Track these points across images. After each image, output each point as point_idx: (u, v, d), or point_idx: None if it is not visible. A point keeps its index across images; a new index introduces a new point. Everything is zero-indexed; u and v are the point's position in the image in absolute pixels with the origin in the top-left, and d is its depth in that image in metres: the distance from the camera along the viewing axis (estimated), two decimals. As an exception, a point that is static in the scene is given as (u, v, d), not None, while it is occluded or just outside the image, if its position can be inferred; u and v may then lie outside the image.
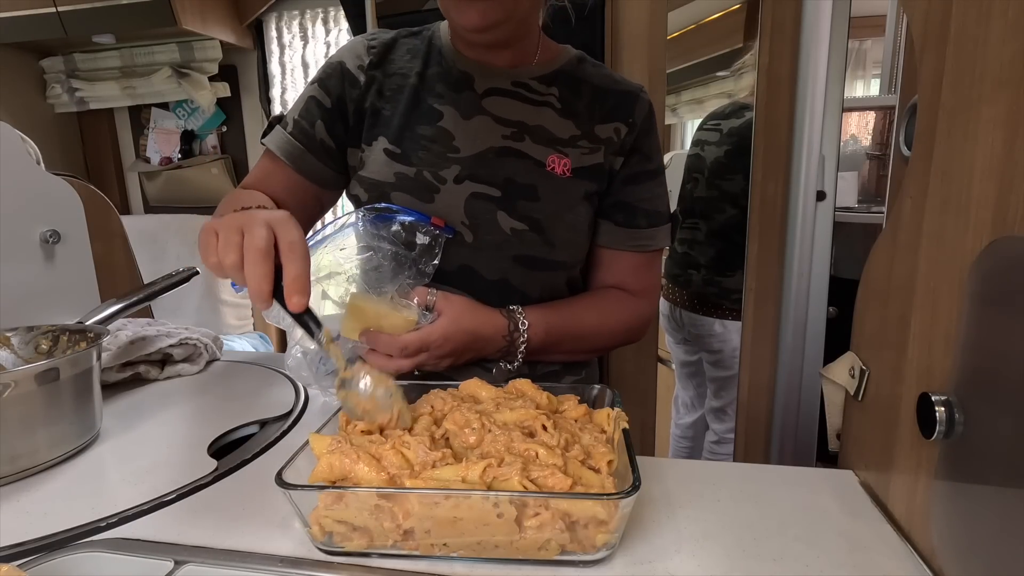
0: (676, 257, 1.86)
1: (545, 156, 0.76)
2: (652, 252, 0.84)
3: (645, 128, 0.81)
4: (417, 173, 0.75)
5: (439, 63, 0.79)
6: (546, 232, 0.76)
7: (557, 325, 0.76)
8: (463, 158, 0.75)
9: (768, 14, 1.21)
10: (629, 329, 0.83)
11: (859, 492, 0.58)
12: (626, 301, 0.83)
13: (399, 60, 0.80)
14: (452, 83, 0.78)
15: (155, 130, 2.84)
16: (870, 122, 2.08)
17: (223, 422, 0.74)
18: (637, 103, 0.80)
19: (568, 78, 0.80)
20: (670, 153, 1.96)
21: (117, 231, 1.28)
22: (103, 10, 2.23)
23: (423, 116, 0.77)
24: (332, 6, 2.51)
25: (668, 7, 1.31)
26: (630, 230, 0.81)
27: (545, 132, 0.77)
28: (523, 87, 0.78)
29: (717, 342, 1.74)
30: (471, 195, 0.75)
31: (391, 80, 0.79)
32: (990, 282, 0.40)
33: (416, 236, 0.72)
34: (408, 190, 0.76)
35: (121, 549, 0.50)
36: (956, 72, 0.45)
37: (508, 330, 0.73)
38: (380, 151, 0.77)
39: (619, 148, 0.79)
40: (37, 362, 0.63)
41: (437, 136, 0.76)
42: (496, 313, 0.73)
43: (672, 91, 2.52)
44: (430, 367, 0.71)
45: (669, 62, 1.35)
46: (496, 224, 0.75)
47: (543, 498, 0.45)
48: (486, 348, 0.73)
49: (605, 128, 0.79)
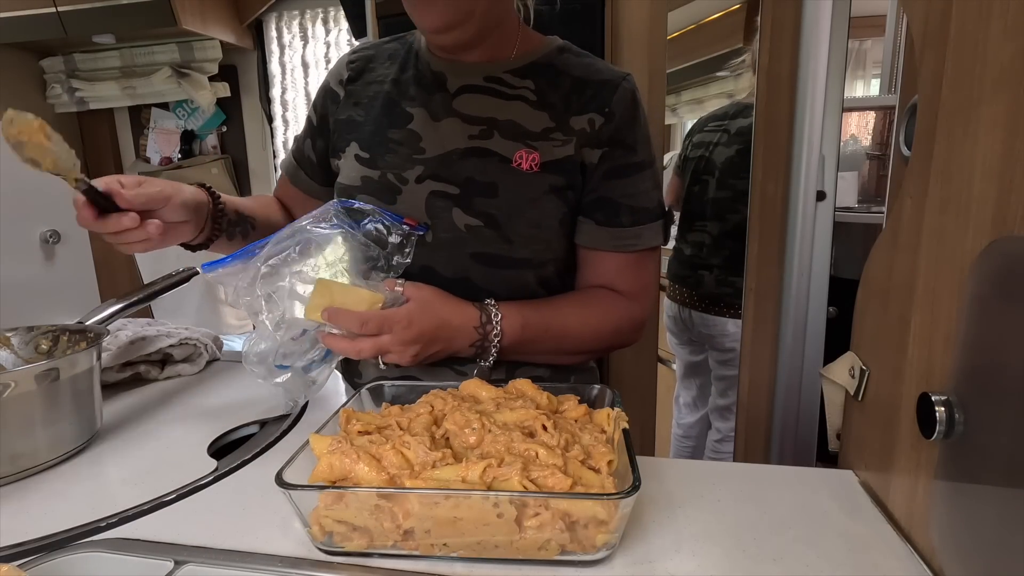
0: (683, 258, 1.86)
1: (513, 152, 0.74)
2: (640, 252, 0.78)
3: (627, 118, 0.75)
4: (381, 176, 0.76)
5: (415, 66, 0.80)
6: (502, 228, 0.73)
7: (535, 321, 0.73)
8: (427, 159, 0.75)
9: (768, 14, 1.21)
10: (618, 331, 0.78)
11: (859, 492, 0.58)
12: (614, 301, 0.78)
13: (378, 68, 0.82)
14: (425, 85, 0.78)
15: (155, 130, 2.84)
16: (870, 122, 2.08)
17: (223, 422, 0.74)
18: (616, 92, 0.75)
19: (545, 69, 0.77)
20: (670, 153, 1.96)
21: (117, 231, 1.27)
22: (103, 10, 2.23)
23: (395, 120, 0.78)
24: (332, 6, 2.51)
25: (668, 7, 1.31)
26: (612, 229, 0.76)
27: (515, 126, 0.75)
28: (496, 81, 0.76)
29: (730, 341, 1.74)
30: (431, 193, 0.74)
31: (368, 89, 0.82)
32: (990, 282, 0.40)
33: (390, 236, 0.73)
34: (372, 192, 0.76)
35: (121, 549, 0.50)
36: (956, 72, 0.45)
37: (480, 321, 0.70)
38: (352, 157, 0.79)
39: (594, 140, 0.74)
40: (37, 362, 0.63)
41: (405, 139, 0.77)
42: (468, 304, 0.71)
43: (672, 91, 2.52)
44: (395, 356, 0.68)
45: (669, 62, 1.35)
46: (451, 221, 0.74)
47: (543, 498, 0.45)
48: (456, 339, 0.70)
49: (579, 119, 0.75)
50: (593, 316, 0.77)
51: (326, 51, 2.59)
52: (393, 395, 0.66)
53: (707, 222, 1.77)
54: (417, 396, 0.61)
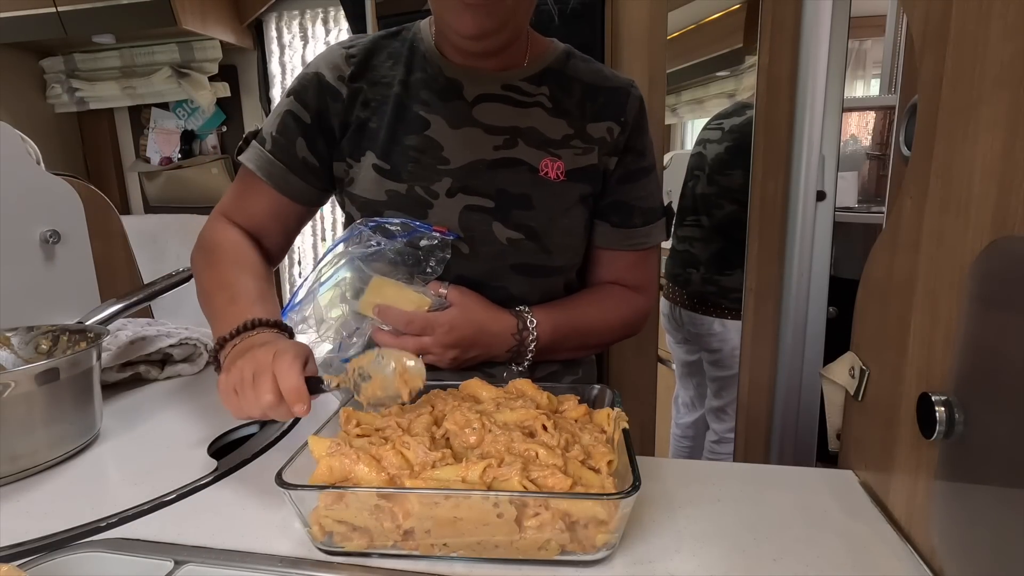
0: (677, 255, 1.87)
1: (539, 160, 0.75)
2: (648, 249, 0.84)
3: (637, 125, 0.80)
4: (408, 189, 0.74)
5: (423, 68, 0.77)
6: (542, 239, 0.76)
7: (564, 323, 0.77)
8: (453, 170, 0.74)
9: (768, 14, 1.21)
10: (627, 324, 0.84)
11: (859, 492, 0.58)
12: (625, 296, 0.83)
13: (381, 67, 0.77)
14: (439, 91, 0.76)
15: (155, 130, 2.84)
16: (870, 122, 2.08)
17: (223, 422, 0.74)
18: (628, 100, 0.79)
19: (557, 76, 0.79)
20: (670, 153, 1.96)
21: (117, 231, 1.28)
22: (103, 10, 2.23)
23: (409, 126, 0.75)
24: (332, 6, 2.51)
25: (668, 7, 1.31)
26: (626, 230, 0.81)
27: (537, 134, 0.76)
28: (513, 90, 0.77)
29: (716, 341, 1.75)
30: (465, 207, 0.74)
31: (375, 89, 0.76)
32: (990, 282, 0.40)
33: (421, 243, 0.73)
34: (401, 207, 0.74)
35: (121, 549, 0.50)
36: (956, 72, 0.45)
37: (517, 328, 0.73)
38: (369, 167, 0.75)
39: (612, 148, 0.79)
40: (37, 362, 0.63)
41: (425, 146, 0.75)
42: (506, 312, 0.74)
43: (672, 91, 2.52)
44: (434, 358, 0.71)
45: (669, 62, 1.35)
46: (492, 235, 0.75)
47: (543, 498, 0.45)
48: (494, 345, 0.73)
49: (598, 127, 0.78)
50: (609, 311, 0.82)
51: (326, 51, 2.59)
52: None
53: (699, 216, 1.79)
54: (417, 396, 0.61)
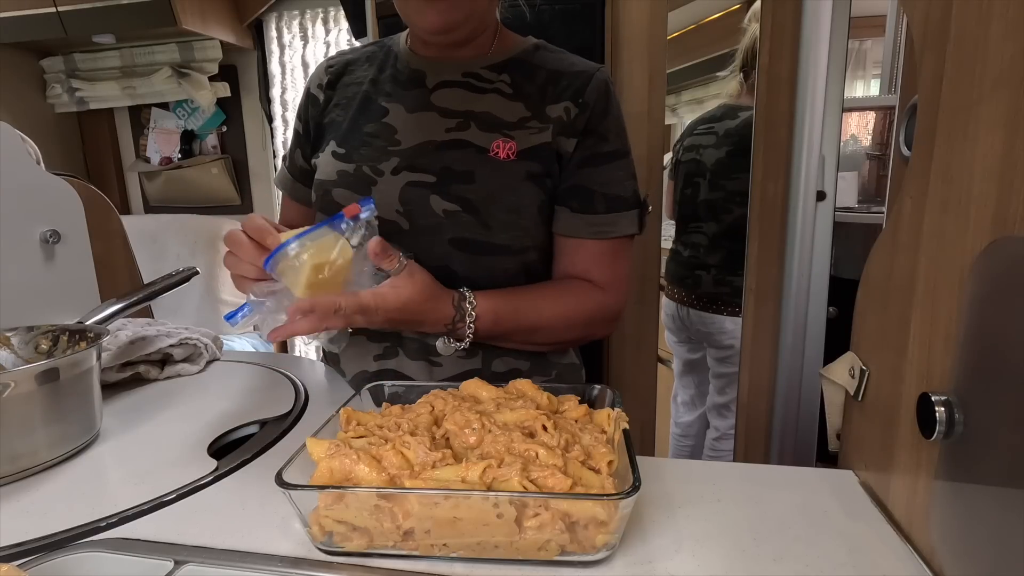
0: (680, 260, 1.87)
1: (490, 142, 0.75)
2: (616, 240, 0.79)
3: (600, 108, 0.77)
4: (356, 169, 0.77)
5: (393, 66, 0.82)
6: (480, 213, 0.74)
7: (507, 315, 0.74)
8: (403, 150, 0.76)
9: (768, 14, 1.21)
10: (591, 322, 0.80)
11: (859, 492, 0.58)
12: (589, 292, 0.79)
13: (358, 71, 0.84)
14: (403, 82, 0.80)
15: (155, 130, 2.84)
16: (870, 122, 2.08)
17: (223, 422, 0.74)
18: (590, 83, 0.77)
19: (520, 64, 0.80)
20: (669, 153, 1.96)
21: (117, 231, 1.27)
22: (103, 10, 2.23)
23: (370, 116, 0.80)
24: (332, 6, 2.51)
25: (668, 7, 1.31)
26: (587, 216, 0.78)
27: (491, 117, 0.77)
28: (472, 76, 0.79)
29: (728, 339, 1.77)
30: (407, 184, 0.75)
31: (348, 90, 0.83)
32: (990, 282, 0.40)
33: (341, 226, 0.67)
34: (347, 185, 0.77)
35: (121, 549, 0.50)
36: (956, 72, 0.45)
37: (452, 320, 0.71)
38: (328, 153, 0.81)
39: (569, 128, 0.77)
40: (37, 362, 0.63)
41: (380, 131, 0.78)
42: (447, 303, 0.71)
43: (672, 91, 2.51)
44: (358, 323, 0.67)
45: (669, 62, 1.35)
46: (429, 207, 0.75)
47: (543, 498, 0.45)
48: (424, 328, 0.73)
49: (555, 108, 0.77)
50: (567, 307, 0.78)
51: (326, 51, 2.59)
52: (393, 395, 0.66)
53: (702, 223, 1.79)
54: (417, 396, 0.61)
